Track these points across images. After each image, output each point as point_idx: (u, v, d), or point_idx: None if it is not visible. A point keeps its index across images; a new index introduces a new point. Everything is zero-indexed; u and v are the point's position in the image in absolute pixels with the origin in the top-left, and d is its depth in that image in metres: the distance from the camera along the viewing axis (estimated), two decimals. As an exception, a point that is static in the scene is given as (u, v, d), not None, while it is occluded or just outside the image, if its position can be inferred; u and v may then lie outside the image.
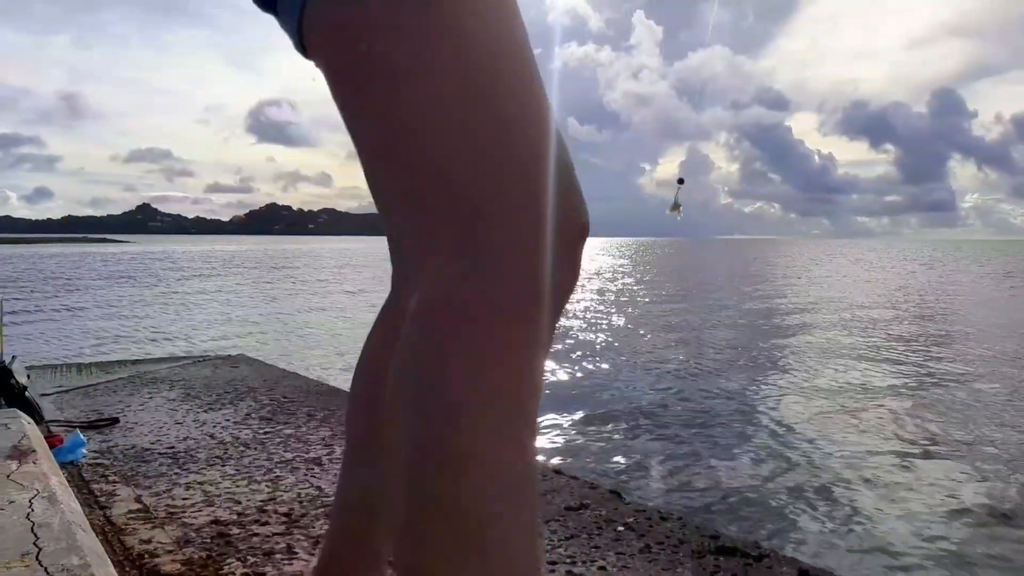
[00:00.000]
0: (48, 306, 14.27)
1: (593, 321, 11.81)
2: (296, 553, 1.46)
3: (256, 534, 1.56)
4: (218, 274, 27.12)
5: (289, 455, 2.18)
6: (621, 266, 36.30)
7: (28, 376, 2.69)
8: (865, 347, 8.91)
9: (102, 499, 1.77)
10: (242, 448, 2.25)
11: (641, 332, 10.51)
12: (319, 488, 1.88)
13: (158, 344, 9.21)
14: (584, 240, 0.62)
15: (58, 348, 8.82)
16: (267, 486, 1.89)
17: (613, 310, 13.73)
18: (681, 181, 1.22)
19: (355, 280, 23.21)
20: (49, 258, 42.31)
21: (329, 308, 14.06)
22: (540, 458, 3.99)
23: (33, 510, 1.28)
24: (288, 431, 2.47)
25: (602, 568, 1.41)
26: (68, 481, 1.71)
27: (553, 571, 1.40)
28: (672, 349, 8.76)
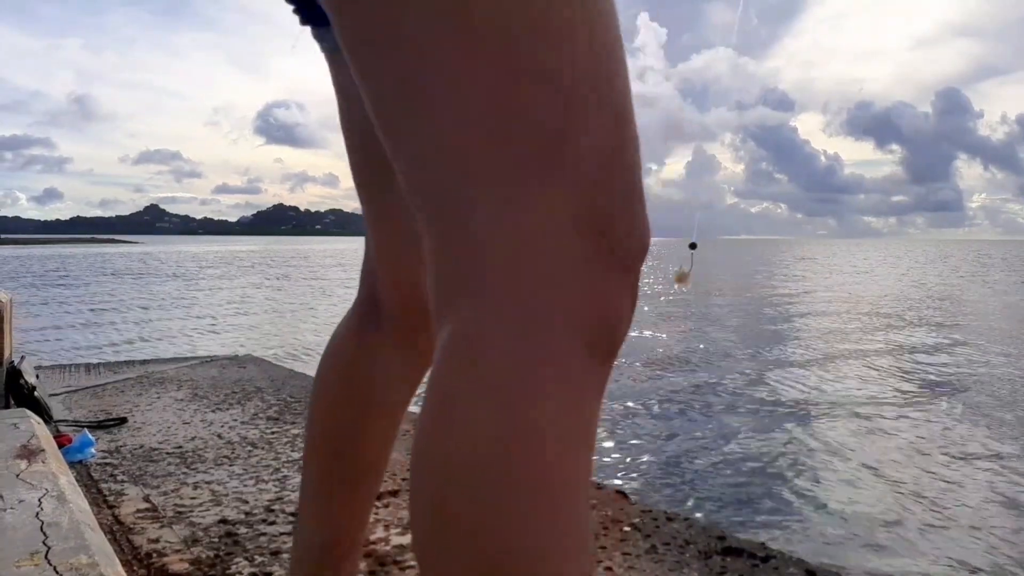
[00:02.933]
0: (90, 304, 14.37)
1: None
2: (303, 553, 1.47)
3: (263, 533, 1.57)
4: (243, 274, 27.23)
5: (296, 455, 2.19)
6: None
7: (37, 376, 2.71)
8: (882, 347, 8.88)
9: (110, 498, 1.78)
10: (249, 448, 2.26)
11: (646, 332, 10.50)
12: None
13: (171, 344, 9.25)
14: None
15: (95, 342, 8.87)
16: (274, 486, 1.90)
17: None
18: (693, 246, 1.03)
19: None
20: (69, 257, 42.52)
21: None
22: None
23: (42, 509, 1.29)
24: (295, 431, 2.48)
25: (608, 568, 1.41)
26: (77, 480, 1.72)
27: (559, 571, 1.40)
28: (678, 349, 8.75)
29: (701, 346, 8.96)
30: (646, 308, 14.16)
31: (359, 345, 0.89)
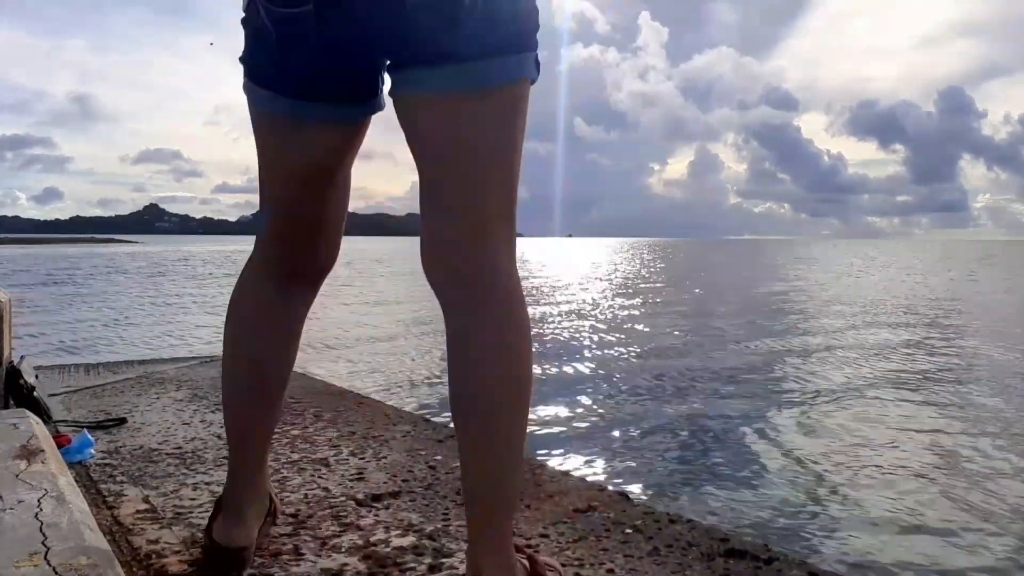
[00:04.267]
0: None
1: (600, 322, 11.79)
2: (303, 554, 1.46)
3: (263, 535, 1.56)
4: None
5: (296, 456, 2.18)
6: (628, 267, 36.26)
7: (36, 376, 2.70)
8: (889, 349, 8.87)
9: (110, 499, 1.78)
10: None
11: (648, 334, 10.49)
12: (326, 489, 1.87)
13: (171, 343, 9.25)
14: None
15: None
16: (274, 487, 1.89)
17: (620, 311, 13.71)
18: None
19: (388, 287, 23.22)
20: (70, 258, 42.47)
21: (354, 309, 14.09)
22: (548, 460, 3.98)
23: (42, 510, 1.29)
24: (295, 432, 2.47)
25: (610, 571, 1.41)
26: (76, 481, 1.71)
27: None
28: (681, 351, 8.75)
29: (703, 348, 8.95)
30: (646, 309, 14.15)
31: (295, 303, 1.33)
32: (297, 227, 1.26)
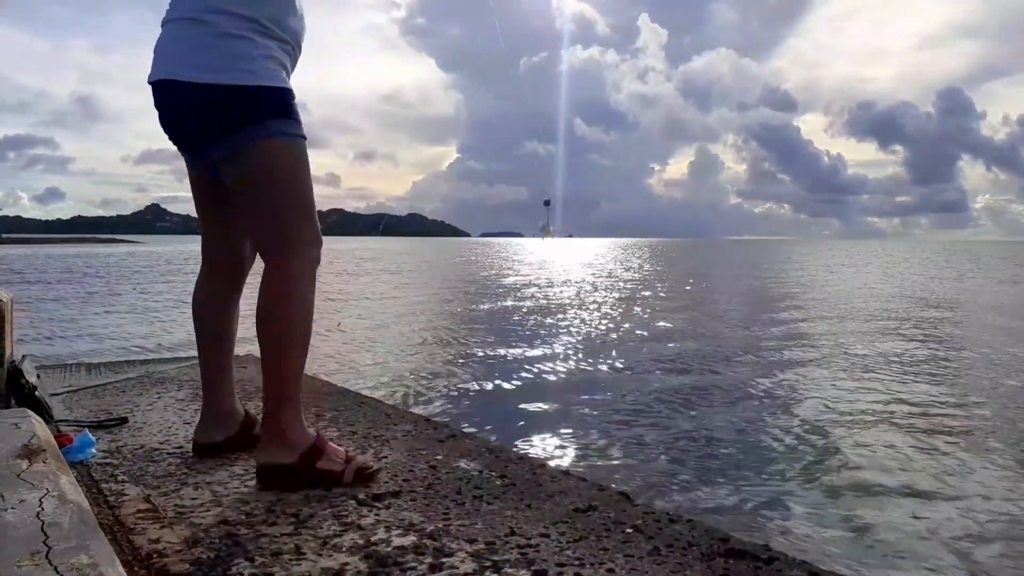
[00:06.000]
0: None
1: (602, 322, 11.79)
2: (304, 554, 1.46)
3: (264, 534, 1.56)
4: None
5: (297, 455, 2.18)
6: (629, 268, 36.25)
7: (38, 376, 2.71)
8: (891, 348, 8.86)
9: (111, 498, 1.78)
10: (250, 448, 2.25)
11: (650, 334, 10.48)
12: (327, 488, 1.87)
13: (172, 343, 9.25)
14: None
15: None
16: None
17: (622, 312, 13.70)
18: (547, 203, 1.93)
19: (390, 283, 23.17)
20: (89, 257, 42.49)
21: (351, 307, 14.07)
22: (548, 460, 3.98)
23: (43, 509, 1.29)
24: (296, 431, 2.47)
25: (611, 571, 1.41)
26: (77, 480, 1.72)
27: (561, 573, 1.39)
28: (682, 352, 8.74)
29: (703, 348, 8.95)
30: (648, 311, 14.15)
31: (221, 289, 2.12)
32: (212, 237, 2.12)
